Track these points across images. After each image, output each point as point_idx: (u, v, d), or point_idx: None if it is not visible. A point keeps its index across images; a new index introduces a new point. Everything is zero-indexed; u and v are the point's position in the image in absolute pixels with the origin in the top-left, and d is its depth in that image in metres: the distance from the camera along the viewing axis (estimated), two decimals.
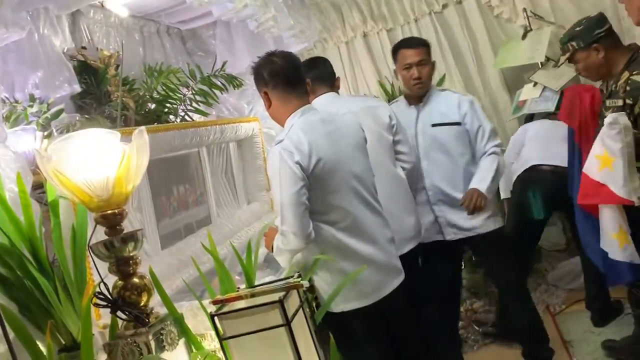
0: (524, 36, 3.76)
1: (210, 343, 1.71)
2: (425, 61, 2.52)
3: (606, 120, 1.98)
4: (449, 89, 2.94)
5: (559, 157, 2.83)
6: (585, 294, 2.97)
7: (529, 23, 3.77)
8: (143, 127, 1.49)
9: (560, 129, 2.89)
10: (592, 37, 2.22)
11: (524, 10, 3.80)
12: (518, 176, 3.04)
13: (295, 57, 1.99)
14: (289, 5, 3.04)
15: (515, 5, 3.91)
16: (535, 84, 3.61)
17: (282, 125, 1.92)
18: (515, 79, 3.98)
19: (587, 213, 2.22)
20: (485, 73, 4.09)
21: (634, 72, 2.02)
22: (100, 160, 1.38)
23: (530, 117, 3.74)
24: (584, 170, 2.11)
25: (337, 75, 2.41)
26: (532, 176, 2.95)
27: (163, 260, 2.33)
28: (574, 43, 2.28)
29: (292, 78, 1.89)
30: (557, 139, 2.93)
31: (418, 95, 2.56)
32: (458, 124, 2.52)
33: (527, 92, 3.66)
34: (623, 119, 1.92)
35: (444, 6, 4.13)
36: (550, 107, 3.48)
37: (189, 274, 2.31)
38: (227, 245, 2.67)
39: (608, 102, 2.10)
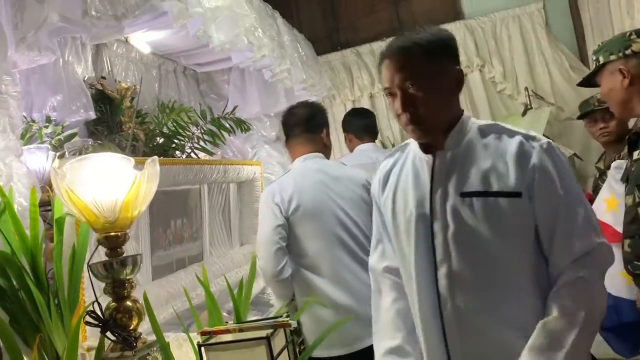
0: (524, 113, 3.92)
1: None
2: None
3: (613, 165, 2.07)
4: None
5: None
6: None
7: (530, 101, 3.94)
8: (156, 157, 1.56)
9: None
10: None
11: (526, 89, 3.98)
12: None
13: (314, 106, 2.16)
14: (304, 60, 3.19)
15: (517, 84, 4.10)
16: None
17: None
18: None
19: None
20: None
21: None
22: (112, 183, 1.45)
23: None
24: None
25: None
26: None
27: (153, 290, 2.35)
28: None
29: (299, 128, 2.02)
30: None
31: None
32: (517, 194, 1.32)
33: None
34: None
35: None
36: None
37: (177, 307, 2.33)
38: (216, 284, 2.71)
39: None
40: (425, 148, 1.36)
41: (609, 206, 2.10)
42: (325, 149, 2.20)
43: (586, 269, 1.21)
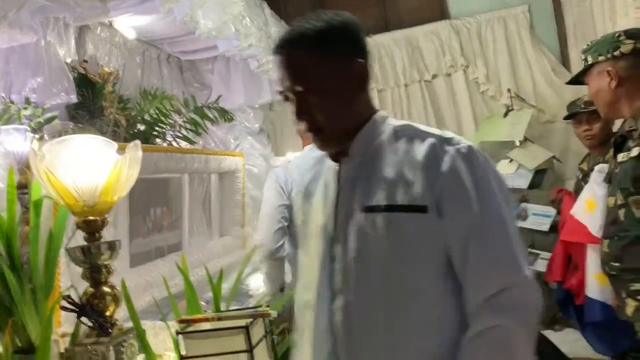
0: (505, 114, 3.96)
1: None
2: None
3: (596, 168, 2.12)
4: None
5: None
6: None
7: (512, 103, 3.97)
8: (138, 142, 1.54)
9: None
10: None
11: (509, 90, 4.01)
12: None
13: None
14: None
15: (500, 85, 4.14)
16: (511, 160, 3.78)
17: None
18: (492, 153, 4.14)
19: None
20: None
21: None
22: (93, 166, 1.43)
23: None
24: (571, 212, 2.26)
25: None
26: None
27: (130, 278, 2.31)
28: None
29: None
30: None
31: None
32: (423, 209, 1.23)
33: (503, 167, 3.82)
34: None
35: (434, 76, 4.34)
36: (524, 184, 3.65)
37: (155, 295, 2.31)
38: (195, 274, 2.69)
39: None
40: (335, 155, 1.14)
41: (587, 207, 2.15)
42: None
43: (503, 314, 0.96)
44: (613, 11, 2.93)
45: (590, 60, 1.71)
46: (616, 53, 1.65)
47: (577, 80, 1.84)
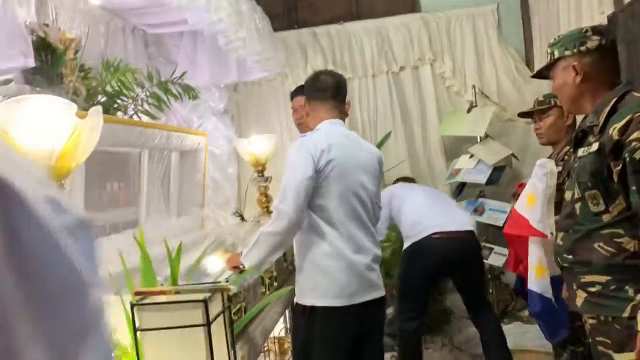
0: (469, 110, 4.02)
1: (119, 339, 1.66)
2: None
3: (538, 162, 2.18)
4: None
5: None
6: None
7: (476, 99, 4.04)
8: (99, 107, 1.49)
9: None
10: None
11: (473, 87, 4.08)
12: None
13: (342, 78, 2.33)
14: (260, 32, 3.13)
15: (465, 81, 4.21)
16: (472, 155, 3.85)
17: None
18: (454, 147, 4.23)
19: None
20: (428, 136, 4.32)
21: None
22: (50, 129, 1.37)
23: (462, 186, 3.98)
24: (514, 206, 2.33)
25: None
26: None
27: None
28: (557, 99, 2.35)
29: (328, 93, 2.22)
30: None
31: None
32: None
33: (463, 162, 3.89)
34: (551, 164, 2.14)
35: (402, 68, 4.37)
36: (482, 179, 3.72)
37: (107, 271, 2.25)
38: (151, 252, 2.63)
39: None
40: None
41: (528, 202, 2.22)
42: (344, 120, 2.33)
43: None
44: (579, 15, 3.00)
45: (556, 54, 1.74)
46: (582, 48, 1.68)
47: (542, 74, 1.87)
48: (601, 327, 1.64)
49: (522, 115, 2.73)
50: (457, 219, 3.06)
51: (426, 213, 3.03)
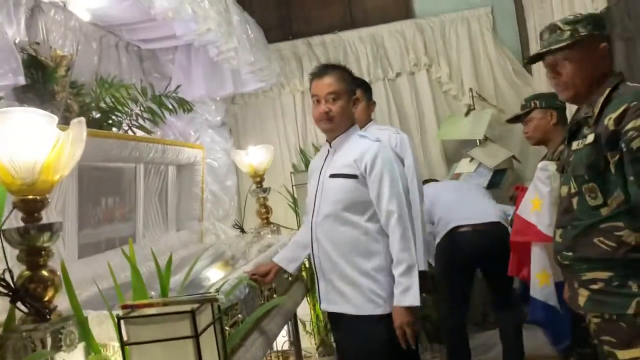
0: (467, 113, 4.00)
1: (112, 355, 1.63)
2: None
3: (539, 166, 2.14)
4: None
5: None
6: None
7: (473, 102, 4.02)
8: (83, 119, 1.47)
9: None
10: (554, 103, 2.39)
11: (470, 90, 4.06)
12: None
13: None
14: (252, 43, 3.12)
15: (462, 85, 4.18)
16: (472, 159, 3.81)
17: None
18: (453, 151, 4.19)
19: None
20: (427, 141, 4.29)
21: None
22: (31, 142, 1.34)
23: None
24: (517, 212, 2.26)
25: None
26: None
27: (78, 268, 2.23)
28: (537, 101, 2.46)
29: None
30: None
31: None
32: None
33: (463, 166, 3.85)
34: (553, 166, 2.08)
35: (398, 75, 4.36)
36: (483, 182, 3.68)
37: (102, 287, 2.21)
38: (148, 267, 2.60)
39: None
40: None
41: (534, 206, 2.15)
42: None
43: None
44: (572, 11, 2.97)
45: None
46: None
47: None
48: (606, 326, 1.59)
49: (510, 121, 2.71)
50: (484, 210, 3.03)
51: (453, 208, 3.04)
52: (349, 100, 2.06)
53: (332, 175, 2.05)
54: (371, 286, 1.98)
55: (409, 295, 1.90)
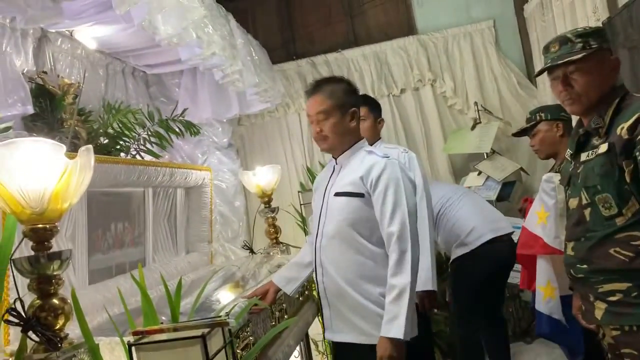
0: (473, 127, 3.99)
1: None
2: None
3: (544, 177, 2.15)
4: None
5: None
6: None
7: (479, 116, 4.01)
8: (90, 146, 1.48)
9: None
10: (559, 115, 2.39)
11: (475, 103, 4.06)
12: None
13: None
14: (257, 64, 3.15)
15: (467, 99, 4.18)
16: (480, 172, 3.80)
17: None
18: (461, 165, 4.18)
19: None
20: (434, 156, 4.29)
21: None
22: (40, 171, 1.35)
23: None
24: (524, 224, 2.26)
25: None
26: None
27: (88, 294, 2.23)
28: (542, 114, 2.45)
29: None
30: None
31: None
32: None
33: (472, 180, 3.84)
34: (558, 178, 2.07)
35: (402, 91, 4.37)
36: (492, 196, 3.66)
37: (114, 313, 2.22)
38: (158, 290, 2.60)
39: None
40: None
41: (539, 219, 2.14)
42: None
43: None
44: (575, 23, 2.98)
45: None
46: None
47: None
48: (626, 338, 1.56)
49: (517, 135, 2.70)
50: (504, 222, 3.01)
51: (485, 217, 2.97)
52: (342, 115, 1.93)
53: (337, 194, 1.94)
54: (380, 312, 1.83)
55: (394, 325, 1.73)
